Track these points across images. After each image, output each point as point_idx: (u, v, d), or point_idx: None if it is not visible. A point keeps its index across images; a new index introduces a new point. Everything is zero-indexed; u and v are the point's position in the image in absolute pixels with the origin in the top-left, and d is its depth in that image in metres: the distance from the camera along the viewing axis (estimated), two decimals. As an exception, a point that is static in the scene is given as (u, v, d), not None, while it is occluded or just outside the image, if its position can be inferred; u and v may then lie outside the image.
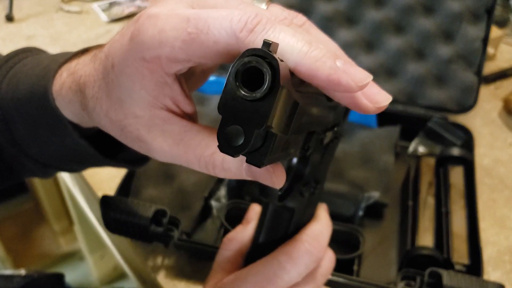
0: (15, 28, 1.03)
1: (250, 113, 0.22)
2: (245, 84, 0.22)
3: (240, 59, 0.22)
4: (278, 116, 0.23)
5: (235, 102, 0.23)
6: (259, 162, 0.24)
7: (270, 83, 0.22)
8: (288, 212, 0.34)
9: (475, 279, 0.52)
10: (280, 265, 0.33)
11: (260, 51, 0.22)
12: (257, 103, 0.22)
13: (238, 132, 0.23)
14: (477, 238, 0.59)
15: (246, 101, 0.22)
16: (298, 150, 0.29)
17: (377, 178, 0.69)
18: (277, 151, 0.25)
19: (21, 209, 1.71)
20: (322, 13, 0.81)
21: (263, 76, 0.22)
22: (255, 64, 0.22)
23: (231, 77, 0.22)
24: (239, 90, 0.22)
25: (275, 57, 0.22)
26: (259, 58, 0.22)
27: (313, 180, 0.35)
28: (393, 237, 0.66)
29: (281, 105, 0.23)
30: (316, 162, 0.34)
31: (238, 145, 0.23)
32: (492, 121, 0.86)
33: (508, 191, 0.74)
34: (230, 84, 0.22)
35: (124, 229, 0.56)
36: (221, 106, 0.23)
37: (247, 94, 0.22)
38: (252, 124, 0.22)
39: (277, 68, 0.22)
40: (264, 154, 0.24)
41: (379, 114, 0.77)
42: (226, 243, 0.38)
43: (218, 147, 0.23)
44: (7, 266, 1.57)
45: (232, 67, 0.22)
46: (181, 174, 0.67)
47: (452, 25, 0.79)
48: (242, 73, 0.22)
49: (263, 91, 0.22)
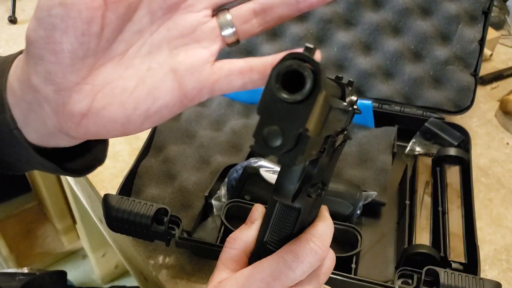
0: (18, 30, 1.04)
1: (289, 115, 0.23)
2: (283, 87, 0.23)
3: (282, 62, 0.23)
4: (315, 119, 0.24)
5: (275, 104, 0.23)
6: (291, 163, 0.24)
7: (311, 86, 0.23)
8: (295, 212, 0.35)
9: (472, 278, 0.52)
10: (285, 263, 0.33)
11: (302, 55, 0.23)
12: (297, 105, 0.23)
13: (276, 133, 0.23)
14: (474, 237, 0.60)
15: (286, 103, 0.23)
16: (317, 151, 0.30)
17: (375, 177, 0.70)
18: (308, 153, 0.25)
19: (23, 208, 1.72)
20: (321, 15, 0.81)
21: (302, 79, 0.23)
22: (296, 67, 0.23)
23: (273, 79, 0.23)
24: (280, 92, 0.23)
25: (317, 61, 0.23)
26: (300, 61, 0.23)
27: (321, 182, 0.36)
28: (391, 235, 0.66)
29: (319, 108, 0.24)
30: (324, 164, 0.35)
31: (275, 146, 0.23)
32: (489, 121, 0.86)
33: (505, 190, 0.74)
34: (271, 86, 0.23)
35: (126, 227, 0.57)
36: (260, 107, 0.23)
37: (288, 97, 0.23)
38: (291, 126, 0.23)
39: (319, 72, 0.22)
40: (296, 155, 0.24)
41: (376, 115, 0.78)
42: (230, 242, 0.38)
43: (253, 147, 0.24)
44: (10, 264, 1.58)
45: (274, 70, 0.23)
46: (182, 173, 0.68)
47: (449, 27, 0.80)
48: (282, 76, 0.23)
49: (304, 93, 0.23)
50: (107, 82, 0.35)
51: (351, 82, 0.36)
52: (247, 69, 0.36)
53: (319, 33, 0.82)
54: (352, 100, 0.35)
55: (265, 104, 0.23)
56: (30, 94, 0.34)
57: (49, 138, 0.37)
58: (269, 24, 0.36)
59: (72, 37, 0.31)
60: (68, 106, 0.34)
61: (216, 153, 0.71)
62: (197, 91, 0.36)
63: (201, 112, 0.79)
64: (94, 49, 0.33)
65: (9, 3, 1.06)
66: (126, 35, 0.35)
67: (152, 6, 0.34)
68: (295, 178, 0.31)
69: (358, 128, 0.78)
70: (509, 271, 0.64)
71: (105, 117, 0.35)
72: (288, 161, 0.24)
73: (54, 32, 0.31)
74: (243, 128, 0.75)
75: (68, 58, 0.32)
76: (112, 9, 0.32)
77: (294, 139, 0.24)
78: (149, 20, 0.35)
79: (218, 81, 0.36)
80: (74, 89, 0.34)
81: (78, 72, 0.33)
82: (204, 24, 0.36)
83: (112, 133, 0.36)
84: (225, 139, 0.74)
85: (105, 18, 0.32)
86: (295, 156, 0.24)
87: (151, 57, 0.36)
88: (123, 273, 1.60)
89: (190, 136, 0.75)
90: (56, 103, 0.34)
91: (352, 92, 0.36)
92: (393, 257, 0.64)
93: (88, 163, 0.43)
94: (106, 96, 0.34)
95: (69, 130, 0.35)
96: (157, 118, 0.36)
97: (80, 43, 0.32)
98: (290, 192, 0.31)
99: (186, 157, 0.71)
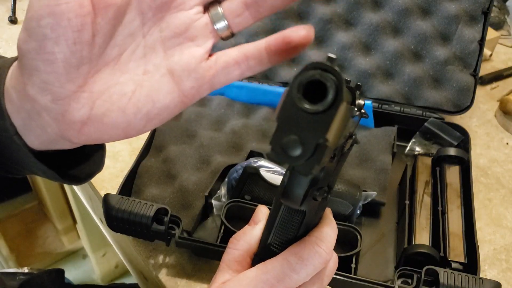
0: (18, 30, 1.03)
1: (310, 125, 0.23)
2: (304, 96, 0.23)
3: (304, 71, 0.23)
4: (335, 129, 0.23)
5: (295, 113, 0.23)
6: (308, 172, 0.24)
7: (333, 97, 0.22)
8: (300, 215, 0.35)
9: (472, 277, 0.52)
10: (290, 265, 0.33)
11: (324, 65, 0.23)
12: (318, 116, 0.23)
13: (295, 142, 0.23)
14: (474, 237, 0.60)
15: (306, 113, 0.23)
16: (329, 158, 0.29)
17: (375, 177, 0.70)
18: (324, 162, 0.25)
19: (24, 207, 1.72)
20: (321, 16, 0.81)
21: (324, 89, 0.22)
22: (319, 77, 0.23)
23: (295, 89, 0.23)
24: (302, 102, 0.23)
25: (339, 72, 0.22)
26: (323, 71, 0.23)
27: (327, 185, 0.36)
28: (391, 235, 0.66)
29: (340, 119, 0.23)
30: (331, 169, 0.35)
31: (295, 156, 0.23)
32: (488, 121, 0.87)
33: (504, 190, 0.75)
34: (292, 95, 0.23)
35: (126, 227, 0.57)
36: (280, 116, 0.23)
37: (309, 107, 0.23)
38: (312, 136, 0.23)
39: (342, 82, 0.22)
40: (313, 165, 0.24)
41: (376, 115, 0.78)
42: (233, 243, 0.38)
43: (270, 155, 0.24)
44: (10, 264, 1.58)
45: (296, 79, 0.23)
46: (182, 173, 0.68)
47: (448, 27, 0.80)
48: (304, 85, 0.23)
49: (326, 104, 0.22)
50: (105, 88, 0.34)
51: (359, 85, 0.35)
52: (243, 57, 0.35)
53: (319, 33, 0.82)
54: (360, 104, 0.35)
55: (285, 113, 0.23)
56: (28, 104, 0.34)
57: (50, 144, 0.37)
58: (262, 15, 0.36)
59: (64, 46, 0.31)
60: (67, 114, 0.34)
61: (216, 153, 0.71)
62: (196, 89, 0.36)
63: (201, 112, 0.79)
64: (87, 56, 0.33)
65: (9, 3, 1.06)
66: (118, 40, 0.34)
67: (141, 7, 0.34)
68: (305, 184, 0.31)
69: (358, 128, 0.78)
70: (508, 271, 0.64)
71: (106, 123, 0.34)
72: (305, 171, 0.24)
73: (46, 43, 0.31)
74: (243, 128, 0.75)
75: (62, 67, 0.32)
76: (101, 15, 0.32)
77: (312, 148, 0.24)
78: (140, 22, 0.35)
79: (215, 75, 0.36)
80: (72, 98, 0.33)
81: (74, 80, 0.33)
82: (196, 21, 0.35)
83: (114, 137, 0.36)
84: (225, 139, 0.74)
85: (95, 24, 0.32)
86: (312, 165, 0.24)
87: (146, 60, 0.35)
88: (123, 273, 1.61)
89: (190, 136, 0.75)
90: (55, 112, 0.34)
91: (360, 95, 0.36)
92: (393, 257, 0.64)
93: (88, 170, 0.43)
94: (105, 102, 0.34)
95: (71, 137, 0.35)
96: (158, 120, 0.36)
97: (73, 51, 0.31)
98: (299, 197, 0.31)
99: (186, 157, 0.71)
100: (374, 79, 0.80)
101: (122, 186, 0.63)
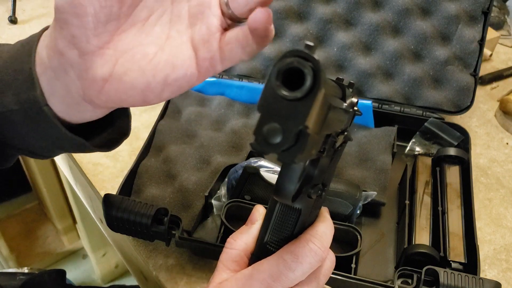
0: (18, 30, 1.04)
1: (289, 112, 0.23)
2: (283, 84, 0.23)
3: (282, 59, 0.23)
4: (314, 116, 0.24)
5: (275, 101, 0.23)
6: (290, 160, 0.24)
7: (311, 84, 0.23)
8: (295, 213, 0.35)
9: (472, 277, 0.52)
10: (285, 263, 0.34)
11: (302, 53, 0.23)
12: (297, 102, 0.23)
13: (276, 130, 0.23)
14: (474, 237, 0.60)
15: (286, 101, 0.23)
16: (317, 151, 0.30)
17: (375, 177, 0.70)
18: (308, 151, 0.25)
19: (24, 207, 1.72)
20: (321, 16, 0.81)
21: (302, 76, 0.23)
22: (297, 64, 0.23)
23: (273, 77, 0.23)
24: (280, 89, 0.23)
25: (317, 59, 0.23)
26: (300, 59, 0.23)
27: (321, 183, 0.36)
28: (391, 235, 0.67)
29: (318, 106, 0.24)
30: (325, 165, 0.34)
31: (275, 143, 0.23)
32: (488, 121, 0.87)
33: (504, 190, 0.75)
34: (271, 83, 0.23)
35: (126, 227, 0.57)
36: (260, 105, 0.24)
37: (287, 94, 0.23)
38: (291, 123, 0.23)
39: (319, 69, 0.23)
40: (296, 153, 0.24)
41: (376, 115, 0.78)
42: (231, 242, 0.38)
43: (253, 144, 0.24)
44: (10, 264, 1.58)
45: (274, 67, 0.23)
46: (182, 173, 0.68)
47: (448, 27, 0.80)
48: (283, 73, 0.23)
49: (304, 91, 0.23)
50: (129, 48, 0.36)
51: (351, 83, 0.36)
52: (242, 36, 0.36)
53: (319, 33, 0.82)
54: (353, 102, 0.35)
55: (265, 102, 0.24)
56: (56, 59, 0.36)
57: (74, 109, 0.38)
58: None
59: (95, 0, 0.33)
60: (91, 71, 0.35)
61: (216, 153, 0.71)
62: (208, 61, 0.37)
63: (201, 112, 0.79)
64: (116, 13, 0.35)
65: (9, 3, 1.06)
66: (148, 2, 0.36)
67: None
68: (295, 178, 0.31)
69: (358, 128, 0.78)
70: (508, 271, 0.64)
71: (125, 82, 0.36)
72: (287, 159, 0.24)
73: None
74: (243, 128, 0.75)
75: (91, 22, 0.34)
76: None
77: (294, 136, 0.24)
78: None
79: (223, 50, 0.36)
80: (97, 54, 0.35)
81: (101, 36, 0.35)
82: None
83: (132, 100, 0.37)
84: (225, 139, 0.74)
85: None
86: (294, 153, 0.24)
87: (171, 26, 0.37)
88: (123, 273, 1.61)
89: (190, 136, 0.75)
90: (80, 68, 0.35)
91: (353, 93, 0.36)
92: (393, 257, 0.64)
93: (113, 136, 0.44)
94: (127, 61, 0.36)
95: (92, 96, 0.37)
96: (175, 88, 0.37)
97: (103, 6, 0.34)
98: (290, 192, 0.31)
99: (186, 157, 0.71)
100: (374, 79, 0.80)
101: (122, 186, 0.63)
